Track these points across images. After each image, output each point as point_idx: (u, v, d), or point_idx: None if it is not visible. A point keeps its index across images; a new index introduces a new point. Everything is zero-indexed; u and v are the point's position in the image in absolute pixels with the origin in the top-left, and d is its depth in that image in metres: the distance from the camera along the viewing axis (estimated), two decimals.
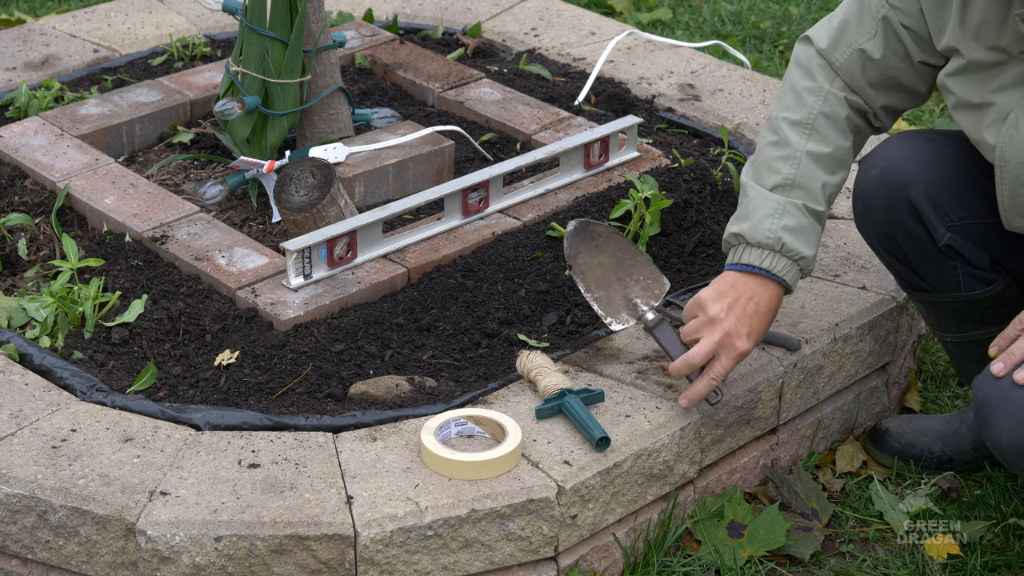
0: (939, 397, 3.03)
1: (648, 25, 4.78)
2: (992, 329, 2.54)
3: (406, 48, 3.67)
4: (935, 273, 2.56)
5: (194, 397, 2.55)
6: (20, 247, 2.93)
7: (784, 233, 2.43)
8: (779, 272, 2.44)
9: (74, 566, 2.32)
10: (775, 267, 2.44)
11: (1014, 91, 2.32)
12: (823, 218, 2.49)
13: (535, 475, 2.37)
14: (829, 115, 2.49)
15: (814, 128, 2.49)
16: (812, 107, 2.49)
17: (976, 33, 2.33)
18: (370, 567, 2.28)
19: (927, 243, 2.53)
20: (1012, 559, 2.60)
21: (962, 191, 2.50)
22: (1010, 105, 2.32)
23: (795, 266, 2.45)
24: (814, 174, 2.47)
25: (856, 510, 2.72)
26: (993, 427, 2.24)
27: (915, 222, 2.53)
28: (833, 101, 2.49)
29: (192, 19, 3.86)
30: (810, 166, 2.47)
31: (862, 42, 2.47)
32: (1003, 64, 2.33)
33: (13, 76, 3.54)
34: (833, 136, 2.49)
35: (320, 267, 2.77)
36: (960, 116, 2.42)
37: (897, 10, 2.44)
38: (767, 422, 2.69)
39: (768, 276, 2.44)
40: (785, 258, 2.44)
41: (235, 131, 3.04)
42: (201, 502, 2.28)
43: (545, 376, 2.52)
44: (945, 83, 2.42)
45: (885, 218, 2.56)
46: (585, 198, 3.04)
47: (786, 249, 2.43)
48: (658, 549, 2.53)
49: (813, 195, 2.46)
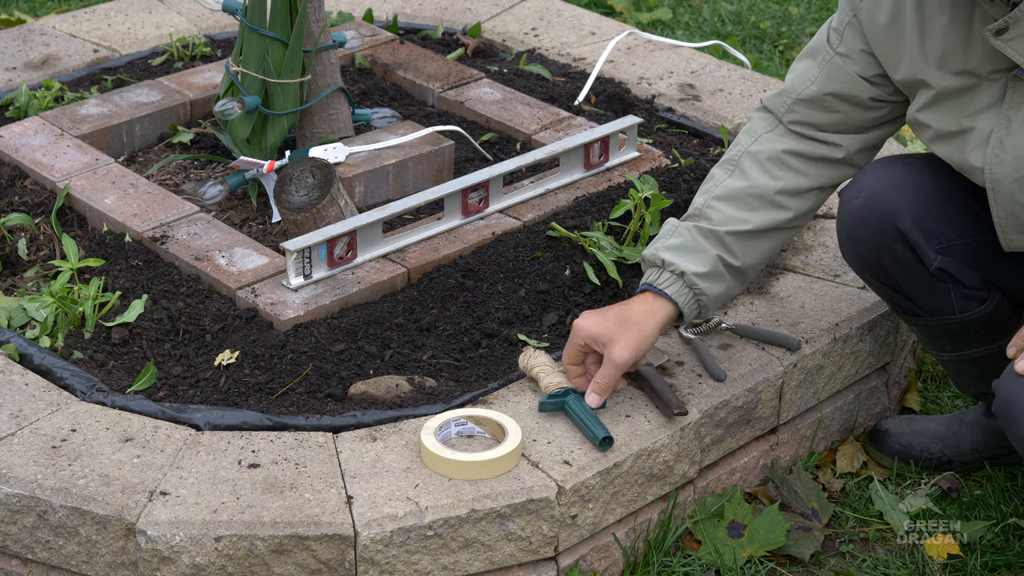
0: (939, 397, 3.03)
1: (648, 25, 4.78)
2: (987, 346, 2.55)
3: (406, 48, 3.67)
4: (927, 297, 2.56)
5: (194, 397, 2.55)
6: (20, 247, 2.93)
7: (665, 252, 2.48)
8: (661, 285, 2.47)
9: (74, 566, 2.32)
10: (658, 281, 2.47)
11: (990, 112, 2.32)
12: (725, 242, 2.48)
13: (535, 475, 2.37)
14: (754, 154, 2.52)
15: (737, 164, 2.53)
16: (741, 146, 2.54)
17: (941, 61, 2.33)
18: (370, 567, 2.28)
19: (917, 268, 2.53)
20: (1012, 559, 2.60)
21: (947, 213, 2.50)
22: (990, 126, 2.32)
23: (679, 280, 2.46)
24: (721, 206, 2.49)
25: (856, 510, 2.72)
26: (1015, 421, 2.24)
27: (904, 248, 2.52)
28: (764, 141, 2.52)
29: (192, 19, 3.86)
30: (721, 199, 2.50)
31: (802, 90, 2.50)
32: (974, 88, 2.32)
33: (13, 76, 3.54)
34: (754, 174, 2.50)
35: (320, 267, 2.77)
36: (939, 147, 2.42)
37: (843, 57, 2.46)
38: (767, 422, 2.69)
39: (653, 290, 2.48)
40: (667, 272, 2.47)
41: (235, 131, 3.04)
42: (201, 502, 2.28)
43: (547, 375, 2.52)
44: (917, 119, 2.42)
45: (872, 247, 2.55)
46: (585, 198, 3.04)
47: (667, 264, 2.47)
48: (658, 549, 2.53)
49: (715, 221, 2.49)
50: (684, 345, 2.67)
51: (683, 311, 2.47)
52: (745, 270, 2.52)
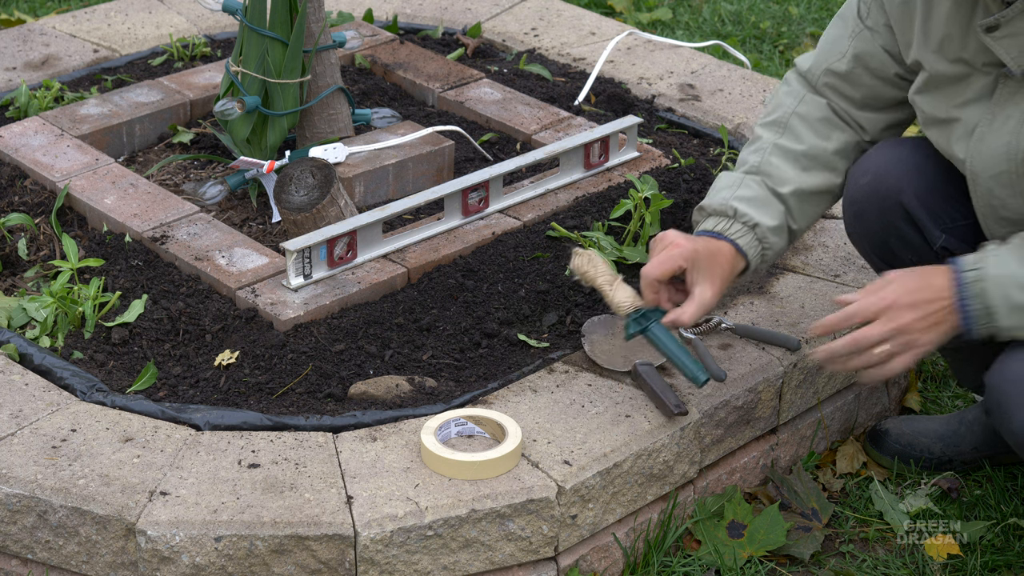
0: (939, 397, 3.03)
1: (648, 25, 4.78)
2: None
3: (406, 48, 3.67)
4: None
5: (194, 397, 2.55)
6: (20, 247, 2.93)
7: (737, 202, 2.46)
8: (732, 235, 2.45)
9: (74, 566, 2.32)
10: (728, 231, 2.46)
11: (978, 105, 2.33)
12: (788, 203, 2.49)
13: (535, 475, 2.37)
14: (804, 116, 2.53)
15: (787, 126, 2.53)
16: (787, 107, 2.54)
17: (939, 46, 2.34)
18: (370, 567, 2.28)
19: (922, 247, 2.53)
20: (1012, 559, 2.60)
21: (951, 194, 2.51)
22: (975, 119, 2.33)
23: (750, 232, 2.46)
24: (780, 164, 2.50)
25: (856, 510, 2.72)
26: (1011, 418, 2.24)
27: (909, 227, 2.53)
28: (810, 103, 2.53)
29: (192, 19, 3.86)
30: (778, 158, 2.50)
31: (834, 62, 2.51)
32: (967, 77, 2.33)
33: (13, 76, 3.54)
34: (808, 135, 2.52)
35: (320, 267, 2.77)
36: (930, 132, 2.44)
37: (871, 30, 2.47)
38: (767, 422, 2.69)
39: (723, 239, 2.46)
40: (739, 223, 2.46)
41: (235, 131, 3.04)
42: (201, 502, 2.28)
43: (615, 288, 2.47)
44: (914, 100, 2.44)
45: (879, 225, 2.56)
46: (585, 198, 3.04)
47: (739, 215, 2.46)
48: (658, 549, 2.53)
49: (776, 180, 2.49)
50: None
51: (750, 264, 2.47)
52: (797, 233, 2.54)
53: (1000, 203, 2.35)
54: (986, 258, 2.25)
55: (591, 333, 2.66)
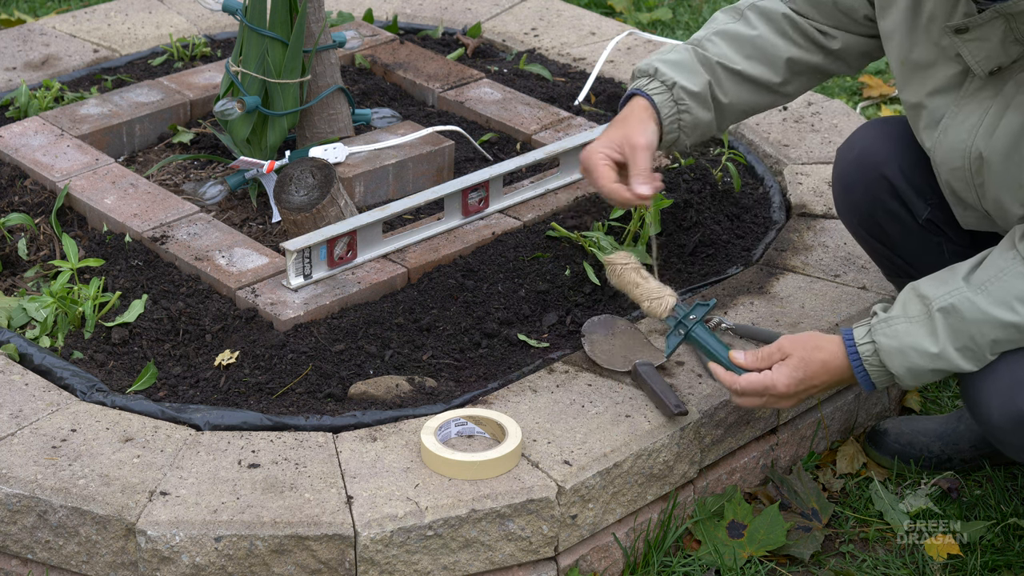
0: (939, 397, 3.03)
1: (648, 25, 4.78)
2: None
3: (406, 48, 3.67)
4: (920, 252, 2.58)
5: (194, 397, 2.55)
6: (20, 247, 2.93)
7: (660, 63, 2.47)
8: (649, 91, 2.46)
9: (74, 566, 2.32)
10: (647, 87, 2.47)
11: (946, 96, 2.33)
12: (716, 72, 2.48)
13: (535, 475, 2.37)
14: (762, 9, 2.52)
15: (742, 14, 2.53)
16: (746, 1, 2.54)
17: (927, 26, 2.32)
18: (370, 567, 2.28)
19: (909, 221, 2.56)
20: (1012, 559, 2.60)
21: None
22: (942, 111, 2.34)
23: (667, 92, 2.46)
24: (720, 43, 2.50)
25: (856, 510, 2.72)
26: (983, 407, 2.26)
27: (895, 201, 2.56)
28: (772, 1, 2.52)
29: (192, 19, 3.86)
30: (722, 38, 2.50)
31: None
32: (934, 64, 2.32)
33: (13, 76, 3.54)
34: (762, 26, 2.51)
35: (320, 267, 2.77)
36: (907, 114, 2.45)
37: None
38: (767, 422, 2.69)
39: (640, 94, 2.47)
40: (657, 81, 2.47)
41: (235, 131, 3.04)
42: (201, 502, 2.28)
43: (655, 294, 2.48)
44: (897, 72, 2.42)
45: (865, 199, 2.58)
46: (585, 198, 3.04)
47: (659, 74, 2.47)
48: (658, 549, 2.53)
49: (711, 52, 2.49)
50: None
51: (662, 122, 2.46)
52: (726, 110, 2.52)
53: (959, 193, 2.39)
54: (876, 329, 2.29)
55: (591, 333, 2.66)
